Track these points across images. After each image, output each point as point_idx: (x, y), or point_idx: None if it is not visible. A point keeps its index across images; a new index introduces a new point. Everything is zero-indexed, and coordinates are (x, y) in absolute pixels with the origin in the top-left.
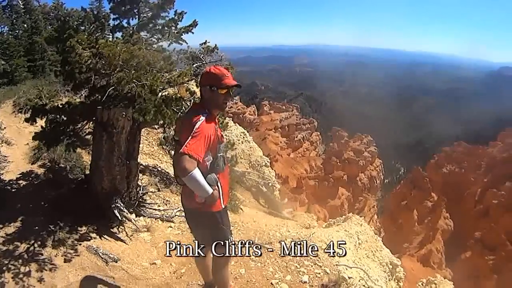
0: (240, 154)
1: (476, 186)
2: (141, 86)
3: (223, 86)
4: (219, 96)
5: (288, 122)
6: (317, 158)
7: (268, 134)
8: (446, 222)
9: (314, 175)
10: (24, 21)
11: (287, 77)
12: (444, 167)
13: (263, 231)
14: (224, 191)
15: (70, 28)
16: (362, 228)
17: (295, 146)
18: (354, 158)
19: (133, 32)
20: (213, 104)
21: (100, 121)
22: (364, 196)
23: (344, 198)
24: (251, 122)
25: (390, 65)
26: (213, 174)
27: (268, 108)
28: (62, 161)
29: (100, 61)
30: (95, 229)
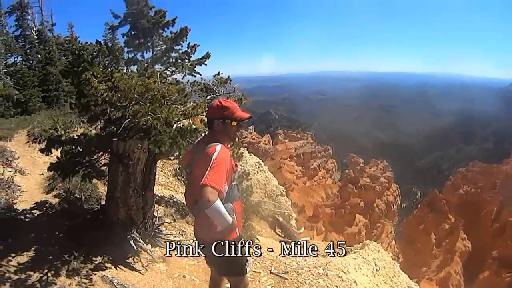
0: (256, 184)
1: (492, 205)
2: (156, 118)
3: (237, 119)
4: (231, 128)
5: (303, 150)
6: (333, 186)
7: (284, 163)
8: (464, 243)
9: (330, 203)
10: (38, 51)
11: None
12: (460, 188)
13: (280, 260)
14: (239, 219)
15: (84, 61)
16: (380, 255)
17: (310, 174)
18: (370, 184)
19: (147, 66)
20: (225, 136)
21: (116, 153)
22: (382, 222)
23: (361, 225)
24: (266, 151)
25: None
26: (229, 203)
27: (283, 136)
28: (77, 191)
29: (116, 94)
30: (110, 259)
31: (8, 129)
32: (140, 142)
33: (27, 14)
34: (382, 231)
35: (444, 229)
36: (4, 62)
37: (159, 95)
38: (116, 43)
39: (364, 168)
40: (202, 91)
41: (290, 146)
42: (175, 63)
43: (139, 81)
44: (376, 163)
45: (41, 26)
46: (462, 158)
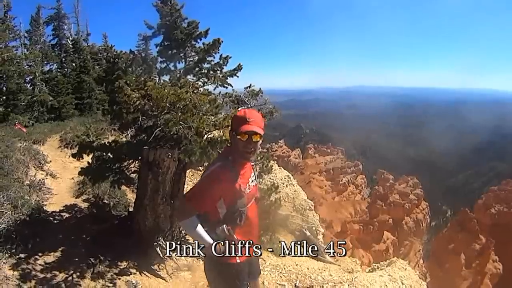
0: (285, 197)
1: None
2: (187, 128)
3: (241, 131)
4: (238, 142)
5: (333, 165)
6: (362, 202)
7: (313, 177)
8: (495, 265)
9: (358, 219)
10: (73, 60)
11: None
12: (492, 207)
13: (305, 274)
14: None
15: (118, 70)
16: (407, 273)
17: (339, 189)
18: (399, 201)
19: (180, 76)
20: (234, 149)
21: (146, 161)
22: (410, 240)
23: (389, 243)
24: (295, 165)
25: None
26: (224, 226)
27: (313, 151)
28: (106, 197)
29: (148, 102)
30: (136, 265)
31: (41, 134)
32: (170, 151)
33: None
34: (410, 249)
35: (474, 250)
36: (41, 69)
37: (191, 105)
38: (149, 53)
39: (394, 185)
40: (234, 103)
41: (320, 160)
42: (207, 74)
43: (172, 90)
44: (406, 180)
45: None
46: (495, 176)
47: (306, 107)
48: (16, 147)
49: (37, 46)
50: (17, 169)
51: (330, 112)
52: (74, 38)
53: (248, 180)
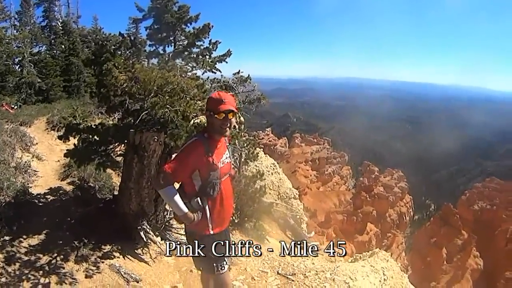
0: (270, 185)
1: (507, 223)
2: (174, 111)
3: (219, 111)
4: (216, 120)
5: (319, 155)
6: (346, 193)
7: (299, 166)
8: (476, 261)
9: (342, 210)
10: (62, 42)
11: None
12: (475, 203)
13: (288, 262)
14: (216, 218)
15: (107, 52)
16: (388, 264)
17: (325, 179)
18: (384, 193)
19: (168, 59)
20: (211, 128)
21: (132, 144)
22: (393, 232)
23: (372, 234)
24: (282, 154)
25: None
26: (198, 197)
27: (300, 140)
28: (91, 180)
29: (136, 85)
30: (119, 248)
31: (29, 115)
32: (156, 134)
33: (54, 6)
34: (393, 242)
35: (456, 245)
36: (30, 51)
37: (178, 89)
38: (139, 37)
39: (379, 177)
40: (222, 88)
41: (306, 150)
42: (196, 58)
43: (159, 73)
44: (391, 173)
45: (67, 18)
46: (479, 174)
47: (294, 96)
48: (2, 129)
49: (27, 27)
50: (3, 151)
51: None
52: (64, 20)
53: (222, 156)
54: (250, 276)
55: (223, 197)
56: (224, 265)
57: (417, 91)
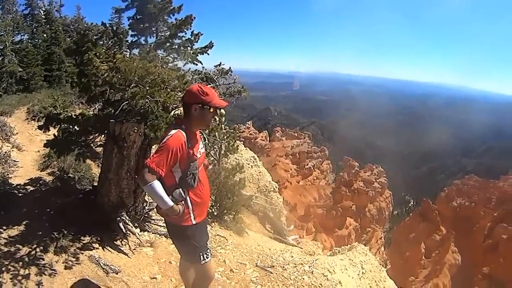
0: (249, 178)
1: (485, 220)
2: (154, 102)
3: (215, 106)
4: (208, 114)
5: (300, 149)
6: (326, 187)
7: (279, 160)
8: (454, 256)
9: (322, 204)
10: (44, 31)
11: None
12: (454, 200)
13: (267, 255)
14: (197, 208)
15: (89, 42)
16: (367, 258)
17: (305, 173)
18: (363, 188)
19: (149, 50)
20: (200, 121)
21: (112, 135)
22: (372, 227)
23: (352, 229)
24: (262, 147)
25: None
26: (180, 189)
27: (280, 134)
28: (71, 171)
29: (116, 75)
30: (99, 240)
31: (9, 105)
32: (136, 125)
33: None
34: (372, 236)
35: (434, 240)
36: (11, 39)
37: (159, 80)
38: (122, 27)
39: (359, 172)
40: (202, 80)
41: (287, 144)
42: (178, 50)
43: (140, 64)
44: (371, 168)
45: (50, 6)
46: (458, 171)
47: (276, 90)
48: None
49: (9, 15)
50: None
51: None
52: (47, 9)
53: (198, 147)
54: (229, 268)
55: (202, 187)
56: (208, 254)
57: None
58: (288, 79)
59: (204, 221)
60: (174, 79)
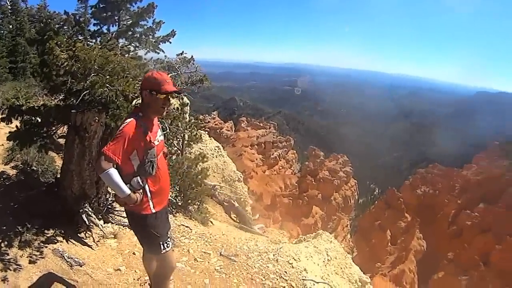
0: (214, 168)
1: (450, 207)
2: (113, 91)
3: (163, 91)
4: (158, 100)
5: (265, 139)
6: (292, 176)
7: (244, 150)
8: (419, 242)
9: (288, 193)
10: (10, 21)
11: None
12: (418, 188)
13: (231, 244)
14: (156, 196)
15: (50, 30)
16: (332, 245)
17: (270, 163)
18: (329, 177)
19: (110, 39)
20: (151, 108)
21: (73, 125)
22: (338, 215)
23: (318, 217)
24: (228, 137)
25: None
26: (138, 177)
27: (246, 124)
28: (35, 163)
29: (76, 64)
30: (63, 232)
31: None
32: (97, 115)
33: None
34: (338, 224)
35: (400, 227)
36: None
37: (119, 68)
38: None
39: (324, 162)
40: (164, 69)
41: (252, 134)
42: (139, 38)
43: (100, 52)
44: (336, 158)
45: None
46: (422, 160)
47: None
48: None
49: None
50: None
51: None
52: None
53: (156, 134)
54: (193, 257)
55: (161, 175)
56: (169, 243)
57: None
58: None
59: (164, 210)
60: (135, 68)
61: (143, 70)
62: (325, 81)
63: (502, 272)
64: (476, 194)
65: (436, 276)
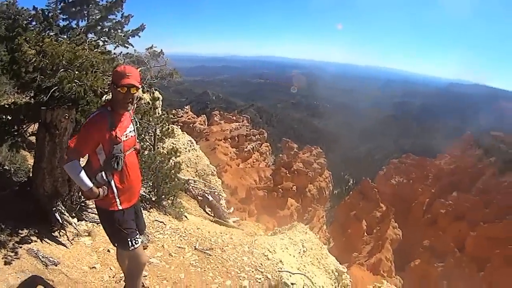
0: (187, 162)
1: (424, 196)
2: (80, 86)
3: (119, 85)
4: (118, 94)
5: (238, 132)
6: (266, 169)
7: (218, 144)
8: (395, 231)
9: (263, 186)
10: None
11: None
12: (392, 178)
13: (205, 237)
14: (123, 192)
15: (19, 27)
16: (307, 236)
17: (244, 156)
18: (303, 169)
19: (79, 34)
20: (114, 102)
21: (43, 122)
22: (313, 206)
23: (293, 209)
24: (201, 131)
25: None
26: (102, 172)
27: (219, 118)
28: (7, 163)
29: (44, 60)
30: (36, 232)
31: None
32: (67, 111)
33: None
34: (314, 216)
35: (375, 217)
36: None
37: (88, 64)
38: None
39: (298, 153)
40: (134, 63)
41: (225, 127)
42: (108, 33)
43: (68, 47)
44: (310, 149)
45: None
46: (396, 151)
47: (214, 74)
48: None
49: None
50: None
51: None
52: None
53: (126, 130)
54: (168, 252)
55: (129, 171)
56: (137, 240)
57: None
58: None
59: (134, 207)
60: (104, 63)
61: (112, 65)
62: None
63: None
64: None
65: (413, 264)
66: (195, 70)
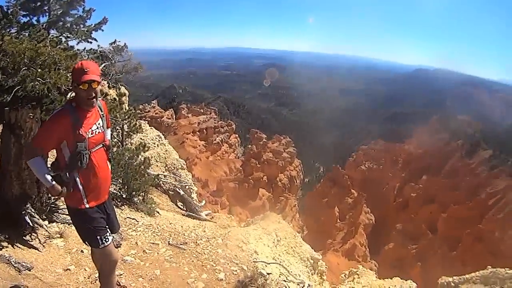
0: (156, 157)
1: (394, 181)
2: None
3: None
4: (80, 91)
5: (206, 125)
6: (236, 161)
7: (187, 137)
8: (367, 216)
9: (233, 177)
10: None
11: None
12: (362, 164)
13: (179, 232)
14: (90, 191)
15: None
16: (280, 225)
17: (213, 149)
18: (273, 159)
19: (40, 30)
20: (78, 99)
21: (8, 123)
22: (285, 196)
23: (265, 199)
24: (169, 126)
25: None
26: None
27: (186, 111)
28: None
29: (5, 58)
30: (7, 237)
31: None
32: (32, 111)
33: None
34: (286, 205)
35: (347, 203)
36: None
37: (50, 61)
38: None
39: (267, 144)
40: (98, 59)
41: (193, 120)
42: (70, 28)
43: (30, 45)
44: (279, 139)
45: None
46: (364, 137)
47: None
48: None
49: None
50: None
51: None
52: None
53: (92, 126)
54: (142, 249)
55: (96, 169)
56: (107, 237)
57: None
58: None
59: (103, 205)
60: (67, 59)
61: (75, 61)
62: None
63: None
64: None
65: (387, 247)
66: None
